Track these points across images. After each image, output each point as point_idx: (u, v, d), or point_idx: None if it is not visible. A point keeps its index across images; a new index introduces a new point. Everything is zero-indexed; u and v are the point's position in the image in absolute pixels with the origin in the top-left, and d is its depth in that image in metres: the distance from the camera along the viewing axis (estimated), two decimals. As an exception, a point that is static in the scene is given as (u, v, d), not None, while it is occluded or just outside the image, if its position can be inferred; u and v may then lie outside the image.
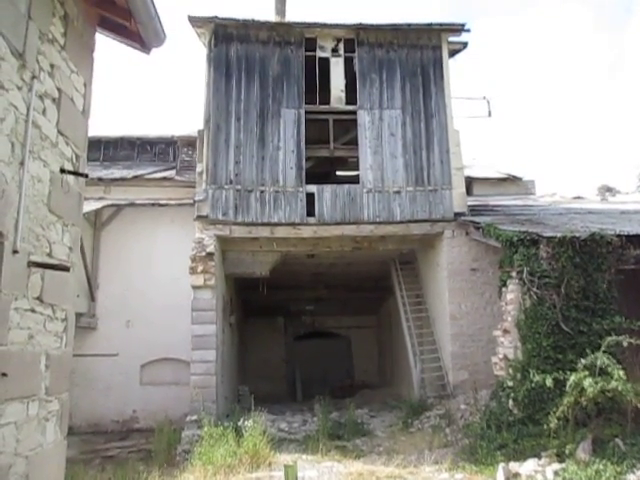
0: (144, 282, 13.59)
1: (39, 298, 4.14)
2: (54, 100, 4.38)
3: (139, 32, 5.04)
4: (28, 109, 3.93)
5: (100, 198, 14.19)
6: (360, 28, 12.54)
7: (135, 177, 15.27)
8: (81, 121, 4.93)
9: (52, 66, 4.36)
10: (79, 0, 4.80)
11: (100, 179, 14.80)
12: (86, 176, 4.83)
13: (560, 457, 7.15)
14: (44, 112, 4.22)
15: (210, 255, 11.17)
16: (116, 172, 15.80)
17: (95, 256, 14.00)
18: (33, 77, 4.02)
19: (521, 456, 7.45)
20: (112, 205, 13.98)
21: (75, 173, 4.61)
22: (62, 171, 4.45)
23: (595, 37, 49.09)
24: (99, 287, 13.84)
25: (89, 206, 12.83)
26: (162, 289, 13.34)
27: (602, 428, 7.52)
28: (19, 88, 3.83)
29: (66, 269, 4.22)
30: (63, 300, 4.55)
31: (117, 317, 13.54)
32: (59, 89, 4.46)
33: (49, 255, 4.29)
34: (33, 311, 4.07)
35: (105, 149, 17.23)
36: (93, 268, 13.78)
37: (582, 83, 50.96)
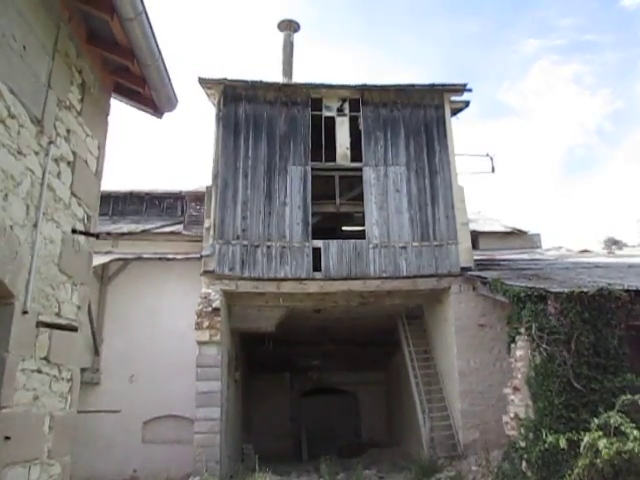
0: (149, 337, 13.48)
1: (46, 358, 4.14)
2: (69, 163, 4.52)
3: (152, 98, 5.25)
4: (44, 173, 4.06)
5: (108, 252, 14.28)
6: (364, 89, 12.96)
7: (143, 231, 15.43)
8: (94, 182, 5.07)
9: (68, 131, 4.53)
10: (96, 68, 5.03)
11: (108, 233, 14.96)
12: (97, 236, 4.92)
13: (577, 523, 6.85)
14: (59, 175, 4.35)
15: (216, 310, 11.15)
16: (124, 226, 15.99)
17: (101, 310, 13.96)
18: (50, 142, 4.17)
19: (537, 522, 7.16)
20: (119, 259, 14.05)
21: (86, 233, 4.70)
22: (74, 231, 4.54)
23: (597, 91, 50.33)
24: (104, 341, 13.73)
25: (96, 260, 12.82)
26: (167, 344, 13.21)
27: (620, 492, 7.24)
28: (36, 153, 3.97)
29: (74, 329, 4.24)
30: (69, 360, 4.54)
31: (121, 372, 13.35)
32: (74, 152, 4.61)
33: (58, 315, 4.32)
34: (39, 372, 4.06)
35: (114, 204, 17.50)
36: (98, 322, 13.71)
37: (584, 135, 51.85)
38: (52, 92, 4.20)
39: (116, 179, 44.76)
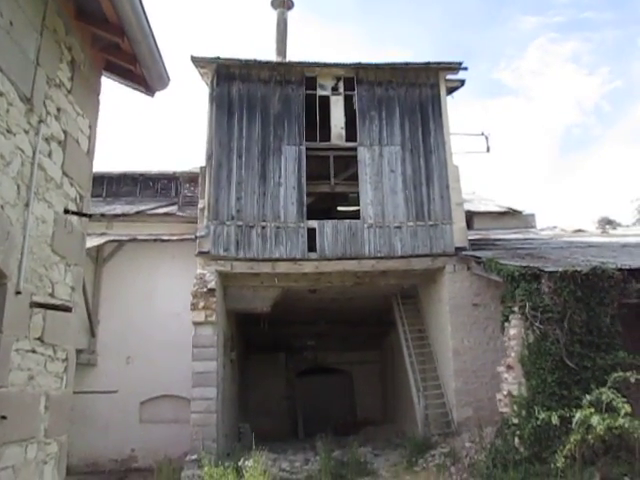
0: (145, 318, 13.52)
1: (40, 339, 4.14)
2: (60, 142, 4.47)
3: (144, 76, 5.17)
4: (34, 152, 4.01)
5: (102, 234, 14.25)
6: (359, 67, 12.82)
7: (137, 213, 15.39)
8: (85, 162, 5.02)
9: (59, 109, 4.46)
10: (86, 46, 4.94)
11: (102, 215, 14.91)
12: (90, 217, 4.89)
13: (569, 497, 6.98)
14: (50, 154, 4.30)
15: (211, 291, 11.15)
16: (118, 208, 15.93)
17: (96, 292, 13.97)
18: (40, 121, 4.11)
19: (528, 496, 7.29)
20: (114, 241, 14.02)
21: (79, 214, 4.67)
22: (66, 212, 4.50)
23: (595, 70, 50.06)
24: (99, 323, 13.77)
25: (91, 242, 12.87)
26: (163, 325, 13.28)
27: (610, 466, 7.38)
28: (26, 132, 3.92)
29: (68, 309, 4.23)
30: (64, 340, 4.54)
31: (117, 353, 13.43)
32: (65, 131, 4.55)
33: (51, 295, 4.31)
34: (34, 352, 4.06)
35: (108, 185, 17.40)
36: (94, 304, 13.74)
37: (581, 114, 51.71)
38: (41, 69, 4.13)
39: (110, 160, 44.48)
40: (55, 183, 4.38)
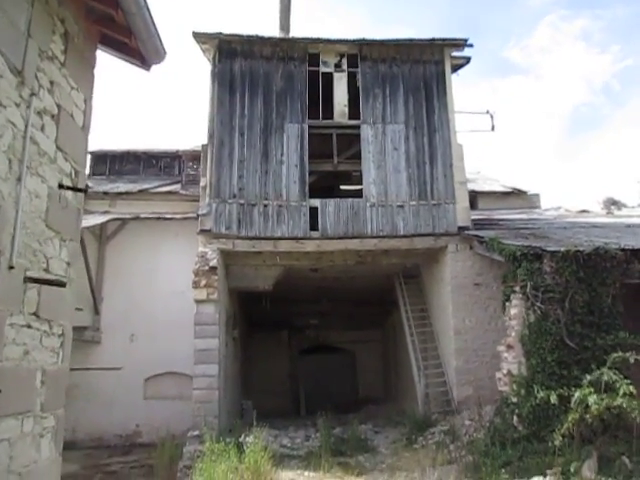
0: (148, 296, 13.61)
1: (35, 314, 4.14)
2: (53, 116, 4.41)
3: (139, 49, 5.09)
4: (26, 126, 3.95)
5: (105, 212, 14.29)
6: (363, 43, 12.62)
7: (140, 191, 15.40)
8: (81, 137, 4.97)
9: (52, 83, 4.40)
10: (79, 18, 4.85)
11: (106, 193, 14.94)
12: (85, 192, 4.85)
13: (565, 475, 6.99)
14: (42, 128, 4.25)
15: (213, 269, 11.15)
16: (122, 186, 15.93)
17: (100, 269, 14.04)
18: (32, 94, 4.05)
19: (526, 474, 7.31)
20: (117, 219, 14.05)
21: (73, 189, 4.63)
22: (60, 187, 4.47)
23: (606, 48, 49.14)
24: (103, 300, 13.86)
25: (94, 220, 12.91)
26: (166, 303, 13.36)
27: (608, 445, 7.39)
28: (17, 105, 3.86)
29: (62, 284, 4.22)
30: (60, 315, 4.55)
31: (121, 331, 13.55)
32: (58, 105, 4.49)
33: (46, 270, 4.30)
34: (29, 327, 4.07)
35: (111, 163, 17.42)
36: (98, 281, 13.81)
37: (590, 94, 50.98)
38: (32, 41, 4.05)
39: (113, 139, 44.34)
40: (49, 158, 4.34)
